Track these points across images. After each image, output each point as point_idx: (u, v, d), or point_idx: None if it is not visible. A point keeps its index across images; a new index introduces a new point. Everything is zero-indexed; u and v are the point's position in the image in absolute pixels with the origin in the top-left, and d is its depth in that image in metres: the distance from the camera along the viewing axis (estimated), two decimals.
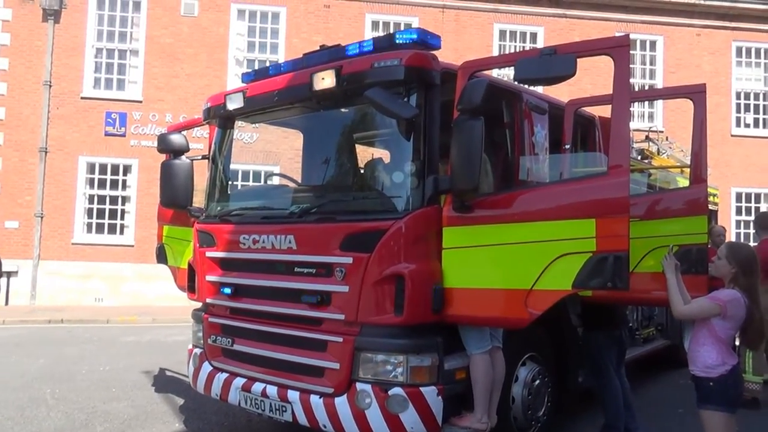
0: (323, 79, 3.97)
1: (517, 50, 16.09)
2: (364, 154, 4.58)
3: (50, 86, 14.70)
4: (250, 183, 11.00)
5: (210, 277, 4.65)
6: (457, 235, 3.66)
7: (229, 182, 5.22)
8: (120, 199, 15.01)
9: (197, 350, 4.84)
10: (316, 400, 3.86)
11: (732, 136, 16.82)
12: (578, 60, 3.34)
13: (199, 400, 6.02)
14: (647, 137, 7.74)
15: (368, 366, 3.70)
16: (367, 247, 3.69)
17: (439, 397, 3.66)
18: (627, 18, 16.60)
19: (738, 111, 17.15)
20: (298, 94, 4.20)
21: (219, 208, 4.94)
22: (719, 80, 16.72)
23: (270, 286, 4.19)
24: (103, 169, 14.94)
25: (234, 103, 4.60)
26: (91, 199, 14.89)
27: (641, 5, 16.55)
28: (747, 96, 17.17)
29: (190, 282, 5.02)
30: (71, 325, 12.06)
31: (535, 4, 16.39)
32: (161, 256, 5.88)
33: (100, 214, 14.90)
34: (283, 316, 4.14)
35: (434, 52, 4.00)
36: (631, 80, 16.27)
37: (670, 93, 6.04)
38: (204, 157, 5.40)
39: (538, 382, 4.47)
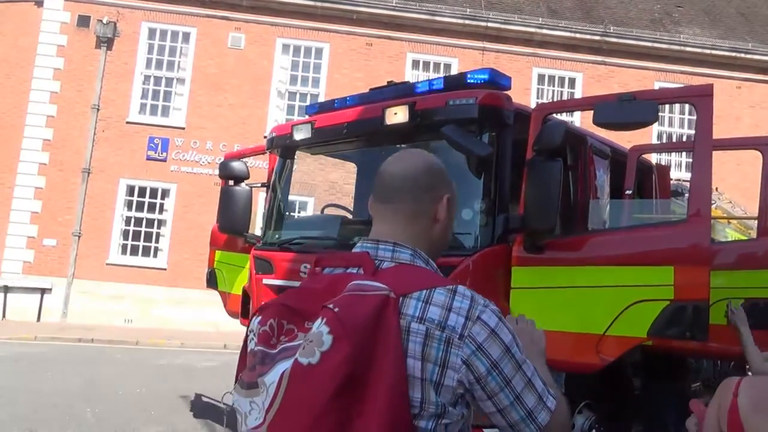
0: (396, 114, 4.02)
1: (556, 94, 16.22)
2: None
3: (98, 110, 15.13)
4: (298, 213, 11.14)
5: None
6: (527, 275, 3.63)
7: (287, 211, 5.26)
8: (156, 223, 15.23)
9: None
10: None
11: None
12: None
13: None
14: (679, 189, 7.65)
15: None
16: None
17: None
18: (666, 68, 16.64)
19: None
20: (368, 128, 4.25)
21: (277, 236, 4.98)
22: (759, 134, 16.54)
23: None
24: (142, 192, 15.22)
25: (302, 134, 4.66)
26: (128, 221, 15.15)
27: (680, 56, 16.59)
28: None
29: (243, 308, 5.03)
30: (101, 345, 12.14)
31: (574, 51, 16.53)
32: (212, 281, 5.92)
33: (136, 236, 15.12)
34: None
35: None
36: (671, 130, 16.27)
37: (741, 144, 6.05)
38: (263, 185, 5.47)
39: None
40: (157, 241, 15.23)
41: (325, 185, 9.10)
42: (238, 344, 5.94)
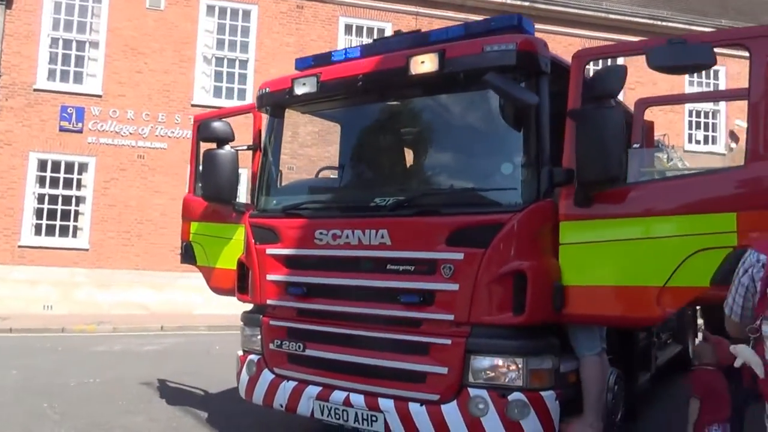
0: (423, 62, 3.70)
1: None
2: (444, 143, 4.26)
3: None
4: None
5: (273, 277, 4.24)
6: (577, 230, 3.47)
7: (282, 174, 4.81)
8: (74, 200, 13.96)
9: (253, 357, 4.39)
10: (416, 408, 3.55)
11: (685, 151, 17.56)
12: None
13: (226, 412, 5.55)
14: (658, 144, 7.85)
15: (482, 369, 3.44)
16: (481, 242, 3.44)
17: (557, 402, 3.44)
18: (591, 35, 17.01)
19: (690, 128, 18.01)
20: (389, 78, 3.90)
21: (275, 202, 4.54)
22: None
23: (356, 285, 3.85)
24: (56, 166, 13.85)
25: (304, 88, 4.23)
26: (41, 198, 13.76)
27: (604, 23, 17.07)
28: (698, 114, 18.04)
29: (240, 282, 4.59)
30: (22, 335, 11.04)
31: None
32: (188, 255, 5.35)
33: (51, 215, 13.79)
34: (370, 318, 3.81)
35: None
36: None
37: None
38: (249, 148, 4.98)
39: (617, 386, 4.32)
40: (75, 220, 13.98)
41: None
42: (176, 325, 5.56)
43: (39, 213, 13.75)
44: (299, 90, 4.27)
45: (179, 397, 6.11)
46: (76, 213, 13.99)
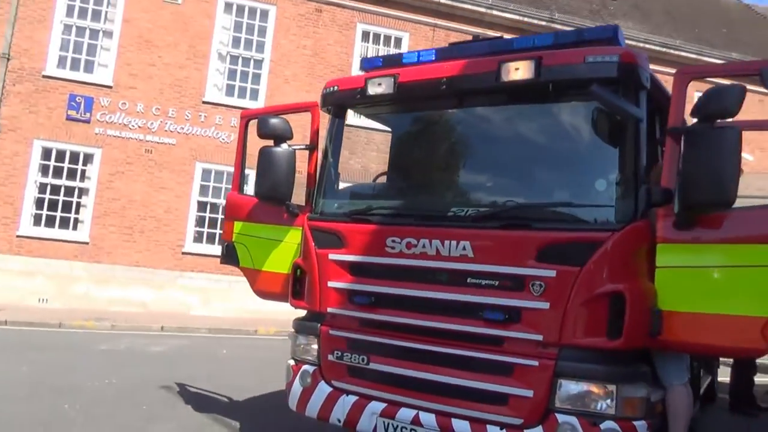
0: (517, 69, 3.55)
1: None
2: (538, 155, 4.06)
3: (8, 59, 13.19)
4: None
5: (336, 284, 4.03)
6: (676, 253, 3.31)
7: (339, 177, 4.60)
8: (77, 191, 13.61)
9: (307, 367, 4.16)
10: None
11: None
12: None
13: (259, 422, 5.31)
14: None
15: (571, 394, 3.25)
16: (577, 259, 3.26)
17: None
18: None
19: None
20: (476, 83, 3.73)
21: (336, 205, 4.34)
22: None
23: (432, 298, 3.65)
24: (60, 156, 13.51)
25: (380, 88, 4.05)
26: (43, 188, 13.40)
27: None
28: None
29: (294, 286, 4.36)
30: (17, 328, 10.65)
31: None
32: (231, 256, 5.10)
33: (52, 206, 13.43)
34: (446, 333, 3.60)
35: None
36: None
37: None
38: (306, 147, 4.77)
39: None
40: (77, 212, 13.62)
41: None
42: (176, 326, 5.39)
43: (40, 203, 13.38)
44: (373, 90, 4.08)
45: (204, 404, 5.83)
46: (78, 205, 13.64)
